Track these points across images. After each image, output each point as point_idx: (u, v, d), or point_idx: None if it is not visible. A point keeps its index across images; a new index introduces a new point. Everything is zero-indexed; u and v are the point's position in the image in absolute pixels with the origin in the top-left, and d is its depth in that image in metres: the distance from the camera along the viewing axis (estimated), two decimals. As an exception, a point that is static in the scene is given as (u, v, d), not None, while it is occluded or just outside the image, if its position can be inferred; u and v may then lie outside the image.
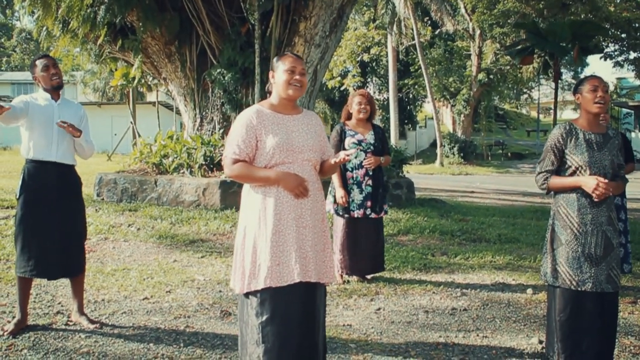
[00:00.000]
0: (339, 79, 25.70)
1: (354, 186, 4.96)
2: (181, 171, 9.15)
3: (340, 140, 4.96)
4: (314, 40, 9.72)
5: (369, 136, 5.02)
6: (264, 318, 2.61)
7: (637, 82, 35.23)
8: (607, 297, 3.12)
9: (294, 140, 2.73)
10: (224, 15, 9.82)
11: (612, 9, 22.38)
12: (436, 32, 27.44)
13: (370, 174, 4.99)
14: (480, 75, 25.99)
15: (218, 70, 9.71)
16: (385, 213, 5.22)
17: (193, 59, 10.39)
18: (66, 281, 4.10)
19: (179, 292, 4.67)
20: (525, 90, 39.32)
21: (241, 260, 2.71)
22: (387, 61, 26.25)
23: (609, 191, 3.04)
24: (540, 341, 3.70)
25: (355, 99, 5.01)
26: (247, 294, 2.68)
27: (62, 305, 4.20)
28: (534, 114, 46.75)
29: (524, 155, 29.71)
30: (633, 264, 5.49)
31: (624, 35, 24.77)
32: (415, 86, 29.38)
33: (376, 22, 26.81)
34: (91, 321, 3.83)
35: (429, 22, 27.06)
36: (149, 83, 19.73)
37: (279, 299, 2.61)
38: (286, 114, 2.80)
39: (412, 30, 23.81)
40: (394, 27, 23.62)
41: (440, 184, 16.31)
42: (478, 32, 25.55)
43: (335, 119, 29.83)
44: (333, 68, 24.99)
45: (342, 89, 26.69)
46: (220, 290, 4.75)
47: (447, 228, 7.75)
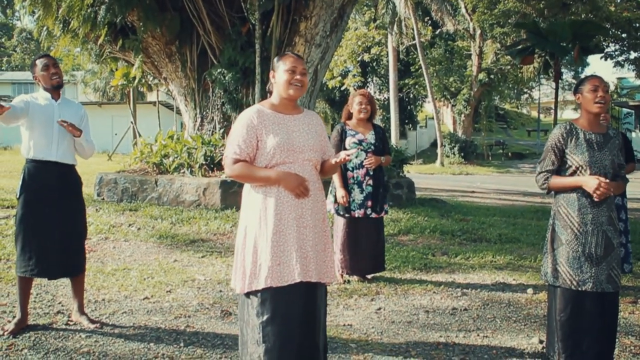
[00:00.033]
0: (339, 78, 25.78)
1: (355, 186, 4.96)
2: (182, 171, 9.15)
3: (340, 140, 4.96)
4: (315, 40, 9.72)
5: (370, 136, 5.02)
6: (265, 318, 2.61)
7: (638, 82, 35.23)
8: (608, 297, 3.12)
9: (294, 140, 2.73)
10: (225, 15, 9.83)
11: (613, 8, 22.37)
12: (437, 32, 27.44)
13: (371, 173, 5.00)
14: (481, 75, 25.98)
15: (218, 70, 9.71)
16: (386, 213, 5.22)
17: (194, 59, 10.39)
18: (66, 281, 4.10)
19: (180, 292, 4.67)
20: (525, 90, 39.28)
21: (242, 260, 2.71)
22: (388, 61, 26.25)
23: (610, 191, 3.04)
24: (541, 341, 3.70)
25: (356, 99, 5.01)
26: (248, 294, 2.68)
27: (63, 305, 4.20)
28: (534, 113, 46.73)
29: (524, 155, 29.69)
30: (633, 264, 5.49)
31: (624, 35, 24.74)
32: (416, 86, 29.36)
33: (377, 22, 26.83)
34: (91, 321, 3.83)
35: (429, 22, 27.06)
36: (150, 83, 19.73)
37: (279, 299, 2.61)
38: (287, 114, 2.80)
39: (413, 30, 23.81)
40: (394, 27, 23.62)
41: (440, 184, 16.30)
42: (478, 32, 25.54)
43: (335, 118, 29.83)
44: (334, 68, 25.05)
45: (343, 88, 26.73)
46: (220, 290, 4.75)
47: (448, 228, 7.75)
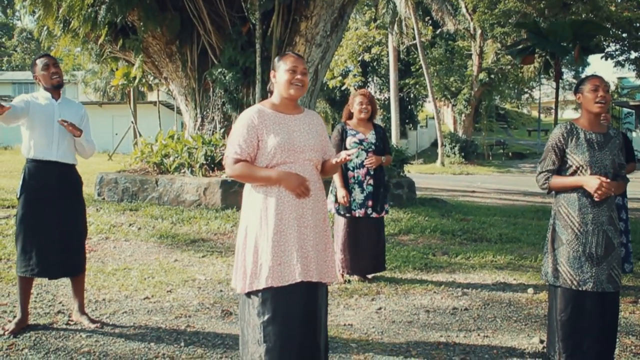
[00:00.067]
0: (340, 78, 25.77)
1: (356, 185, 4.96)
2: (182, 171, 9.15)
3: (341, 139, 4.96)
4: (315, 40, 9.72)
5: (370, 136, 5.02)
6: (266, 317, 2.61)
7: (638, 82, 35.22)
8: (608, 297, 3.12)
9: (295, 140, 2.73)
10: (225, 14, 9.83)
11: (613, 8, 22.35)
12: (437, 32, 27.44)
13: (372, 173, 4.99)
14: (481, 75, 25.97)
15: (219, 70, 9.71)
16: (387, 213, 5.22)
17: (194, 59, 10.39)
18: (67, 281, 4.10)
19: (180, 292, 4.67)
20: (526, 90, 39.29)
21: (242, 259, 2.71)
22: (388, 61, 26.26)
23: (611, 191, 3.04)
24: (542, 341, 3.70)
25: (357, 99, 5.01)
26: (249, 294, 2.68)
27: (63, 305, 4.21)
28: (535, 113, 46.73)
29: (525, 155, 29.69)
30: (634, 264, 5.48)
31: (624, 35, 24.72)
32: (416, 86, 29.37)
33: (377, 22, 26.83)
34: (92, 321, 3.83)
35: (429, 22, 27.08)
36: (150, 82, 19.74)
37: (280, 299, 2.61)
38: (288, 114, 2.80)
39: (413, 29, 23.81)
40: (394, 27, 23.63)
41: (441, 184, 16.30)
42: (479, 32, 25.53)
43: (336, 118, 29.84)
44: (334, 68, 25.04)
45: (343, 88, 26.73)
46: (221, 290, 4.75)
47: (448, 228, 7.75)
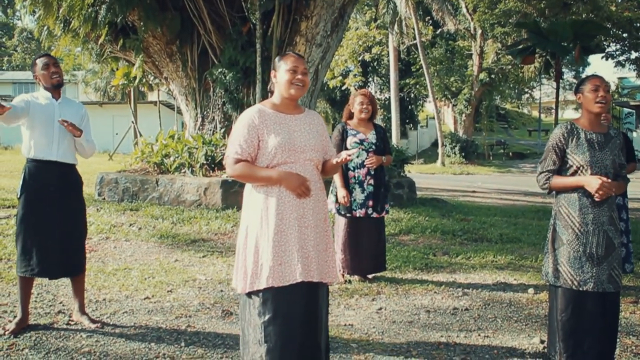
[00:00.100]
0: (340, 78, 25.81)
1: (356, 185, 4.96)
2: (182, 171, 9.15)
3: (342, 139, 4.96)
4: (316, 40, 9.72)
5: (371, 135, 5.02)
6: (267, 318, 2.61)
7: (639, 82, 35.19)
8: (609, 297, 3.11)
9: (296, 139, 2.72)
10: (225, 14, 9.83)
11: (614, 8, 22.34)
12: (437, 32, 27.44)
13: (372, 173, 4.99)
14: (482, 75, 25.97)
15: (219, 70, 9.71)
16: (387, 213, 5.22)
17: (194, 59, 10.39)
18: (67, 280, 4.10)
19: (181, 292, 4.67)
20: (526, 90, 39.25)
21: (243, 260, 2.71)
22: (389, 61, 26.26)
23: (611, 191, 3.03)
24: (542, 341, 3.70)
25: (357, 99, 5.02)
26: (250, 294, 2.68)
27: (64, 305, 4.21)
28: (535, 113, 46.72)
29: (525, 155, 29.68)
30: (635, 264, 5.48)
31: (625, 35, 24.71)
32: (417, 86, 29.37)
33: (377, 22, 26.83)
34: (92, 321, 3.83)
35: (430, 22, 27.07)
36: (150, 82, 19.72)
37: (281, 299, 2.61)
38: (288, 114, 2.79)
39: (414, 29, 23.80)
40: (395, 27, 23.62)
41: (441, 184, 16.30)
42: (479, 32, 25.52)
43: (336, 118, 29.85)
44: (334, 67, 25.07)
45: (344, 88, 26.75)
46: (221, 290, 4.75)
47: (449, 228, 7.75)
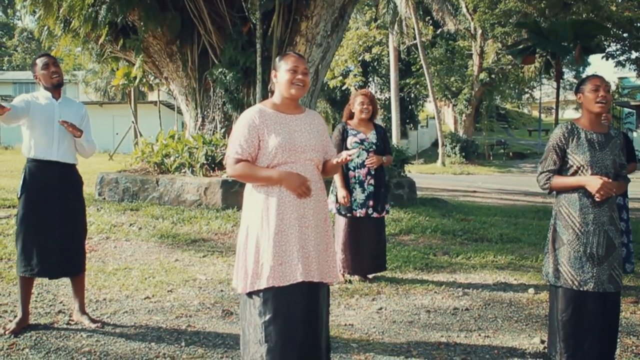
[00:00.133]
0: (340, 78, 25.81)
1: (357, 185, 4.96)
2: (183, 170, 9.15)
3: (342, 139, 4.96)
4: (316, 40, 9.72)
5: (371, 135, 5.02)
6: (267, 317, 2.61)
7: (639, 82, 35.17)
8: (609, 297, 3.11)
9: (296, 139, 2.72)
10: (226, 14, 9.83)
11: (614, 8, 22.34)
12: (438, 32, 27.43)
13: (373, 173, 4.99)
14: (482, 75, 25.97)
15: (219, 70, 9.71)
16: (387, 213, 5.22)
17: (194, 59, 10.39)
18: (68, 280, 4.10)
19: (181, 292, 4.67)
20: (526, 90, 39.23)
21: (244, 259, 2.71)
22: (389, 61, 26.26)
23: (612, 191, 3.03)
24: (542, 341, 3.70)
25: (358, 99, 5.02)
26: (250, 294, 2.67)
27: (64, 305, 4.21)
28: (535, 113, 46.71)
29: (525, 155, 29.68)
30: (635, 264, 5.47)
31: (625, 35, 24.70)
32: (417, 86, 29.36)
33: (377, 22, 26.83)
34: (93, 320, 3.83)
35: (430, 22, 27.05)
36: (151, 82, 19.72)
37: (281, 299, 2.61)
38: (289, 114, 2.79)
39: (414, 29, 23.80)
40: (395, 27, 23.61)
41: (441, 184, 16.29)
42: (480, 32, 25.51)
43: (336, 118, 29.86)
44: (335, 67, 25.07)
45: (344, 88, 26.75)
46: (221, 290, 4.75)
47: (449, 228, 7.75)
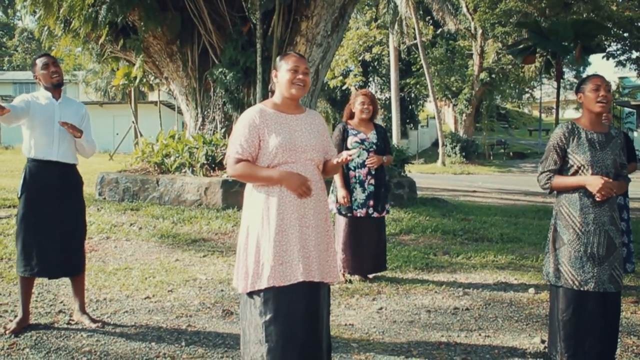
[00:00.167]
0: (340, 78, 25.81)
1: (357, 185, 4.96)
2: (183, 170, 9.15)
3: (342, 139, 4.96)
4: (316, 40, 9.72)
5: (372, 135, 5.02)
6: (268, 317, 2.61)
7: (639, 82, 35.15)
8: (610, 297, 3.11)
9: (297, 139, 2.72)
10: (226, 14, 9.83)
11: (615, 8, 22.34)
12: (438, 32, 27.43)
13: (373, 173, 4.99)
14: (482, 75, 25.97)
15: (220, 70, 9.71)
16: (388, 212, 5.22)
17: (195, 59, 10.39)
18: (68, 280, 4.09)
19: (181, 292, 4.67)
20: (527, 90, 39.26)
21: (244, 259, 2.71)
22: (389, 60, 26.25)
23: (613, 191, 3.03)
24: (543, 341, 3.70)
25: (359, 99, 5.01)
26: (251, 294, 2.67)
27: (64, 304, 4.21)
28: (536, 113, 46.70)
29: (526, 155, 29.68)
30: (636, 264, 5.47)
31: (626, 35, 24.70)
32: (417, 85, 29.36)
33: (378, 22, 26.83)
34: (93, 320, 3.83)
35: (430, 22, 27.06)
36: (151, 82, 19.75)
37: (282, 298, 2.61)
38: (289, 114, 2.79)
39: (414, 29, 23.79)
40: (395, 27, 23.60)
41: (442, 184, 16.29)
42: (480, 32, 25.51)
43: (337, 118, 29.86)
44: (335, 67, 25.07)
45: (344, 88, 26.74)
46: (222, 290, 4.75)
47: (449, 227, 7.74)
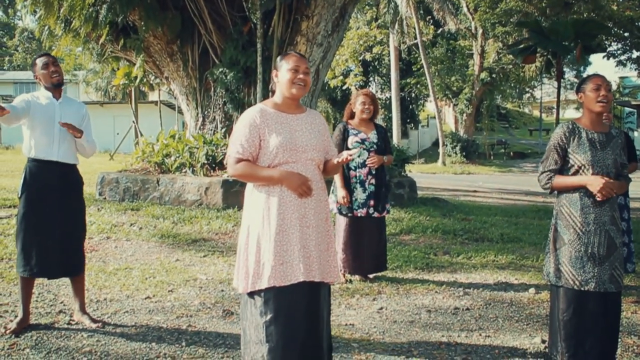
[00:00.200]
0: (341, 78, 25.79)
1: (357, 185, 4.96)
2: (183, 170, 9.15)
3: (343, 139, 4.96)
4: (316, 40, 9.72)
5: (372, 135, 5.01)
6: (268, 317, 2.61)
7: (640, 81, 35.15)
8: (610, 297, 3.11)
9: (297, 139, 2.72)
10: (226, 14, 9.82)
11: (615, 7, 22.33)
12: (438, 31, 27.41)
13: (374, 172, 4.99)
14: (483, 75, 25.96)
15: (220, 70, 9.71)
16: (388, 212, 5.22)
17: (195, 58, 10.39)
18: (68, 280, 4.10)
19: (181, 292, 4.67)
20: (527, 90, 39.26)
21: (245, 259, 2.71)
22: (390, 60, 26.24)
23: (614, 191, 3.03)
24: (543, 341, 3.70)
25: (359, 99, 5.01)
26: (251, 293, 2.67)
27: (65, 305, 4.21)
28: (536, 113, 46.68)
29: (526, 155, 29.66)
30: (636, 264, 5.47)
31: (626, 34, 24.70)
32: (418, 85, 29.34)
33: (378, 21, 26.80)
34: (93, 320, 3.83)
35: (431, 21, 27.04)
36: (151, 82, 19.76)
37: (283, 298, 2.61)
38: (290, 113, 2.79)
39: (415, 29, 23.78)
40: (396, 26, 23.59)
41: (442, 183, 16.28)
42: (480, 31, 25.50)
43: (337, 118, 29.86)
44: (335, 67, 25.05)
45: (344, 88, 26.74)
46: (222, 290, 4.75)
47: (450, 227, 7.74)
